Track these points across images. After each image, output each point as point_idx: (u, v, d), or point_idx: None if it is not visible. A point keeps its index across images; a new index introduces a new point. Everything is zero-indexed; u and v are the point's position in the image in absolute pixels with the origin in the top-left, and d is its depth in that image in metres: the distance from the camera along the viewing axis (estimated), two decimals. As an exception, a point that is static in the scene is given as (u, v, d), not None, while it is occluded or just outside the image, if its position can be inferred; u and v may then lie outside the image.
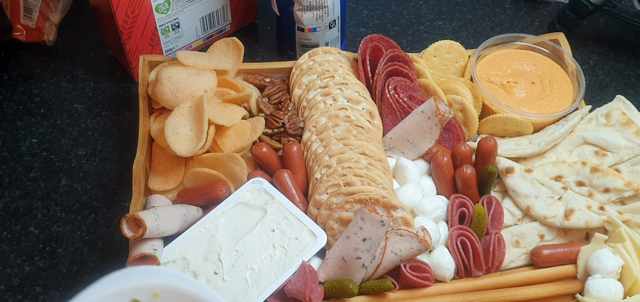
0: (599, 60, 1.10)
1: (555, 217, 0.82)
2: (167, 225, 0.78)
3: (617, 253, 0.77)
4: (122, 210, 0.89)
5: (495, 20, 1.17)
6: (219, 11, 1.07)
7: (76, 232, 0.87)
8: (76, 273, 0.83)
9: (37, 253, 0.85)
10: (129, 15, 0.95)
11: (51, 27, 1.09)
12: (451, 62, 0.99)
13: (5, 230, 0.87)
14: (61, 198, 0.91)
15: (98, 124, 1.00)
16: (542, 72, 0.98)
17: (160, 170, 0.87)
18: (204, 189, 0.83)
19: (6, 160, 0.95)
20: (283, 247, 0.77)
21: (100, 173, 0.94)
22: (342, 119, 0.87)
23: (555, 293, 0.77)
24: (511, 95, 0.95)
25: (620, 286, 0.76)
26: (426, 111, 0.87)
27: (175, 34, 1.03)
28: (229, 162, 0.84)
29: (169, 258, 0.77)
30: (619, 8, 1.06)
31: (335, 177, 0.81)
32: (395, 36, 1.13)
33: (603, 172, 0.84)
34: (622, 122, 0.89)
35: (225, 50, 0.98)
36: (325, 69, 0.93)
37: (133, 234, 0.74)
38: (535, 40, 1.01)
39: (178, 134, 0.84)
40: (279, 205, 0.81)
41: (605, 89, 1.05)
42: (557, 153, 0.89)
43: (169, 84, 0.88)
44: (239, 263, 0.76)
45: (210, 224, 0.80)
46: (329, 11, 0.98)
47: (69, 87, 1.05)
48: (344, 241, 0.76)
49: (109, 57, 1.09)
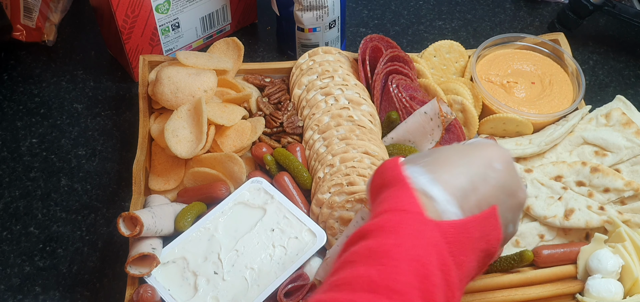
0: (599, 60, 1.10)
1: (555, 217, 0.82)
2: (165, 223, 0.78)
3: (617, 253, 0.77)
4: (122, 210, 0.89)
5: (495, 20, 1.17)
6: (219, 11, 1.07)
7: (76, 232, 0.87)
8: (76, 273, 0.83)
9: (37, 253, 0.85)
10: (129, 15, 0.95)
11: (51, 27, 1.09)
12: (451, 62, 0.99)
13: (5, 230, 0.87)
14: (61, 198, 0.91)
15: (98, 124, 1.00)
16: (542, 72, 0.98)
17: (160, 170, 0.87)
18: (204, 188, 0.83)
19: (6, 160, 0.95)
20: (283, 247, 0.77)
21: (100, 173, 0.94)
22: (344, 119, 0.87)
23: (555, 293, 0.77)
24: (511, 95, 0.95)
25: (620, 286, 0.76)
26: (429, 112, 0.87)
27: (175, 34, 1.03)
28: (227, 162, 0.84)
29: (169, 258, 0.77)
30: (619, 8, 1.06)
31: (338, 177, 0.81)
32: (395, 36, 1.13)
33: (603, 172, 0.84)
34: (622, 122, 0.89)
35: (225, 50, 0.98)
36: (325, 69, 0.93)
37: (130, 232, 0.74)
38: (535, 40, 1.01)
39: (178, 136, 0.84)
40: (278, 204, 0.81)
41: (605, 89, 1.05)
42: (557, 153, 0.89)
43: (169, 84, 0.88)
44: (239, 263, 0.76)
45: (209, 223, 0.80)
46: (329, 11, 0.98)
47: (69, 87, 1.05)
48: (344, 240, 0.76)
49: (109, 57, 1.09)
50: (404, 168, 0.59)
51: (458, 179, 0.58)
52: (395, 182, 0.58)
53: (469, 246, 0.55)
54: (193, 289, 0.75)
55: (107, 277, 0.83)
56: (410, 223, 0.53)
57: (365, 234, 0.54)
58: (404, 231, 0.52)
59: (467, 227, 0.55)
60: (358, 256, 0.52)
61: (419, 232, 0.52)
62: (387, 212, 0.55)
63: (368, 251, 0.51)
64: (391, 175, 0.59)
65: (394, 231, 0.52)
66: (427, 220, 0.53)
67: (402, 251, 0.50)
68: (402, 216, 0.54)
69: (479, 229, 0.56)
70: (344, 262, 0.52)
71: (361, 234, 0.54)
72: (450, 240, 0.53)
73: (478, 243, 0.56)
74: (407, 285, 0.49)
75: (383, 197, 0.58)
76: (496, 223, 0.58)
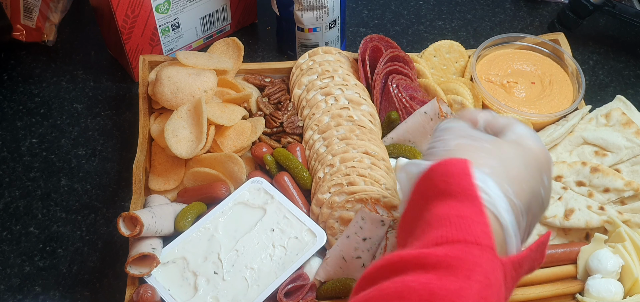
0: (599, 60, 1.10)
1: (555, 217, 0.82)
2: (164, 223, 0.78)
3: (617, 253, 0.77)
4: (122, 210, 0.89)
5: (495, 20, 1.17)
6: (219, 11, 1.07)
7: (76, 232, 0.87)
8: (76, 273, 0.83)
9: (37, 253, 0.85)
10: (129, 15, 0.95)
11: (51, 27, 1.09)
12: (451, 62, 0.99)
13: (5, 230, 0.87)
14: (61, 198, 0.91)
15: (98, 124, 1.00)
16: (542, 72, 0.98)
17: (160, 170, 0.87)
18: (204, 188, 0.83)
19: (6, 160, 0.95)
20: (283, 247, 0.77)
21: (100, 173, 0.94)
22: (344, 119, 0.87)
23: (555, 293, 0.77)
24: (511, 95, 0.95)
25: (620, 286, 0.76)
26: (429, 112, 0.87)
27: (175, 34, 1.03)
28: (227, 162, 0.84)
29: (169, 258, 0.77)
30: (619, 8, 1.06)
31: (338, 177, 0.81)
32: (395, 36, 1.13)
33: (603, 172, 0.84)
34: (622, 122, 0.89)
35: (225, 50, 0.98)
36: (325, 69, 0.93)
37: (130, 232, 0.74)
38: (535, 40, 1.01)
39: (178, 136, 0.84)
40: (278, 204, 0.81)
41: (605, 89, 1.05)
42: (557, 153, 0.89)
43: (169, 84, 0.88)
44: (239, 263, 0.76)
45: (209, 223, 0.80)
46: (329, 11, 0.98)
47: (69, 87, 1.05)
48: (344, 240, 0.76)
49: (109, 57, 1.09)
50: (475, 176, 0.49)
51: (523, 197, 0.50)
52: (465, 196, 0.47)
53: (518, 281, 0.48)
54: (193, 289, 0.75)
55: (107, 277, 0.83)
56: (481, 264, 0.43)
57: (423, 264, 0.44)
58: (475, 277, 0.42)
59: (522, 264, 0.48)
60: (414, 294, 0.41)
61: (488, 275, 0.43)
62: (454, 244, 0.45)
63: (429, 294, 0.41)
64: (459, 184, 0.48)
65: (463, 274, 0.42)
66: (496, 258, 0.45)
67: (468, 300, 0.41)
68: (473, 252, 0.44)
69: (530, 263, 0.49)
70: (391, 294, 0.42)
71: (416, 263, 0.44)
72: (508, 280, 0.46)
73: (524, 275, 0.49)
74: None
75: (445, 211, 0.47)
76: (544, 249, 0.50)
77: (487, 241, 0.45)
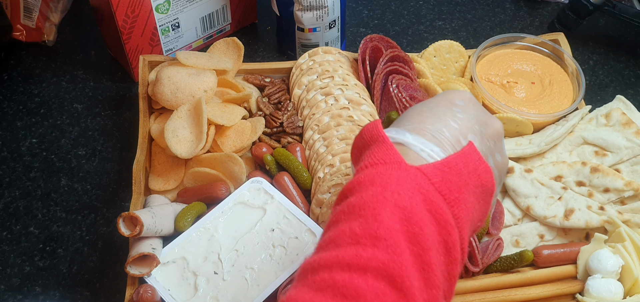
0: (599, 60, 1.10)
1: (555, 217, 0.82)
2: (165, 223, 0.78)
3: (617, 253, 0.77)
4: (122, 210, 0.89)
5: (495, 20, 1.17)
6: (219, 11, 1.07)
7: (76, 232, 0.87)
8: (76, 273, 0.83)
9: (37, 253, 0.85)
10: (129, 15, 0.95)
11: (51, 27, 1.09)
12: (451, 62, 0.99)
13: (5, 230, 0.87)
14: (61, 198, 0.91)
15: (98, 124, 1.00)
16: (542, 72, 0.98)
17: (160, 170, 0.87)
18: (204, 188, 0.83)
19: (6, 160, 0.95)
20: (283, 247, 0.77)
21: (100, 173, 0.94)
22: (344, 119, 0.87)
23: (555, 293, 0.77)
24: (511, 95, 0.95)
25: (620, 286, 0.76)
26: (427, 112, 0.87)
27: (175, 34, 1.03)
28: (227, 162, 0.84)
29: (169, 258, 0.77)
30: (619, 8, 1.06)
31: (338, 177, 0.81)
32: (395, 36, 1.13)
33: (603, 172, 0.84)
34: (622, 122, 0.89)
35: (225, 50, 0.98)
36: (325, 69, 0.93)
37: (130, 232, 0.74)
38: (535, 40, 1.01)
39: (178, 136, 0.84)
40: (278, 204, 0.81)
41: (605, 89, 1.05)
42: (557, 153, 0.89)
43: (169, 84, 0.88)
44: (239, 263, 0.76)
45: (209, 223, 0.80)
46: (329, 11, 0.98)
47: (69, 87, 1.05)
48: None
49: (109, 57, 1.09)
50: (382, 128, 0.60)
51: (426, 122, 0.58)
52: (375, 140, 0.58)
53: (460, 182, 0.54)
54: (193, 289, 0.75)
55: (107, 277, 0.83)
56: (390, 173, 0.53)
57: (347, 193, 0.54)
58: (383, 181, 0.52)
59: (450, 165, 0.54)
60: (341, 215, 0.52)
61: (400, 179, 0.52)
62: (365, 168, 0.55)
63: (349, 208, 0.52)
64: (370, 135, 0.59)
65: (372, 183, 0.52)
66: (408, 167, 0.53)
67: (382, 200, 0.51)
68: (380, 168, 0.54)
69: (464, 164, 0.55)
70: (329, 224, 0.53)
71: (343, 194, 0.55)
72: (436, 180, 0.53)
73: (469, 178, 0.55)
74: (390, 230, 0.49)
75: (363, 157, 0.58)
76: (478, 156, 0.57)
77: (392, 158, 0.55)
